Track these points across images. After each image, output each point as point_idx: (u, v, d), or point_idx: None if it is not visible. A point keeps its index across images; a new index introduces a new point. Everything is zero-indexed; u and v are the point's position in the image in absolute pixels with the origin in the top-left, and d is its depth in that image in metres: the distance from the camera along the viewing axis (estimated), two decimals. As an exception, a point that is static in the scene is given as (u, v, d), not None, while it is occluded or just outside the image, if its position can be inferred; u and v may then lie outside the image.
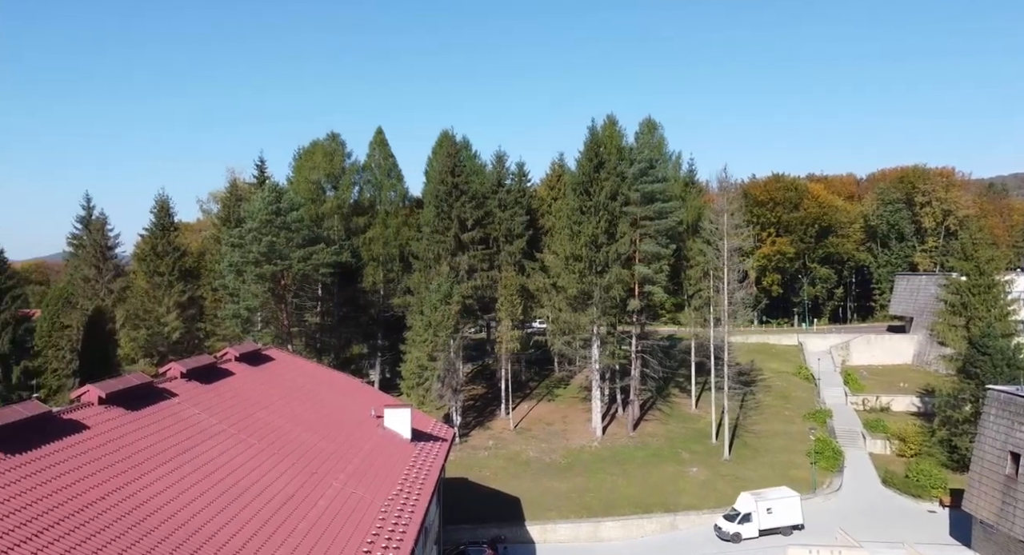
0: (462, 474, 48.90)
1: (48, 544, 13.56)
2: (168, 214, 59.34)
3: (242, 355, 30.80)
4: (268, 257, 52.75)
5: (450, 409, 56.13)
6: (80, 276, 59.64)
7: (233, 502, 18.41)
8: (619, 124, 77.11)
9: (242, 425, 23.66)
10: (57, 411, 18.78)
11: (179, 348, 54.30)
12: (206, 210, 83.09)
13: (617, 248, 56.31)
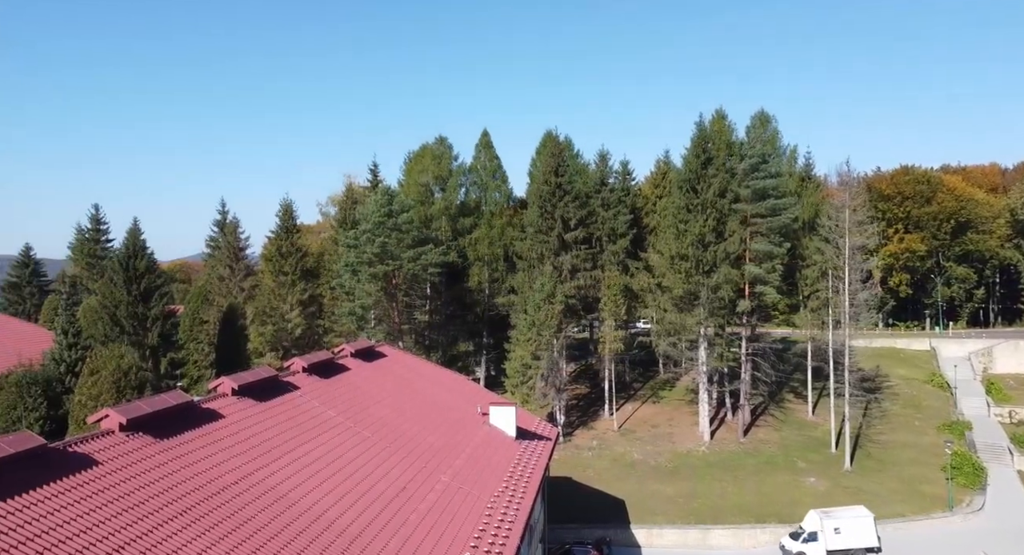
0: (566, 473, 48.99)
1: (193, 521, 14.97)
2: (291, 217, 63.47)
3: (357, 351, 32.46)
4: (381, 257, 55.23)
5: (553, 408, 56.37)
6: (216, 275, 65.08)
7: (351, 491, 19.50)
8: (728, 118, 74.04)
9: (358, 418, 24.98)
10: (197, 400, 20.67)
11: (301, 343, 57.99)
12: (325, 213, 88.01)
13: (726, 247, 54.30)
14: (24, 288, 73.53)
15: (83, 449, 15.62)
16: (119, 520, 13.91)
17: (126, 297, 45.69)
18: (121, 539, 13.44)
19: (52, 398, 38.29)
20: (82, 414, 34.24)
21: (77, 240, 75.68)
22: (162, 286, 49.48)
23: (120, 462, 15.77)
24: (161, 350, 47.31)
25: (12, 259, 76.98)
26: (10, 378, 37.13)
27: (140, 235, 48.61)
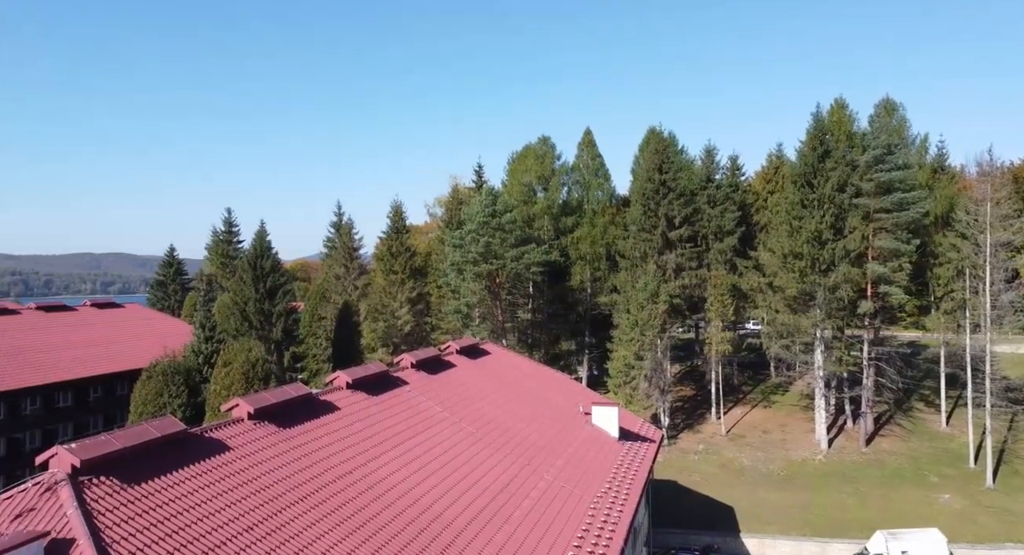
0: (671, 477, 47.88)
1: (312, 507, 16.03)
2: (401, 218, 66.11)
3: (462, 348, 33.34)
4: (485, 257, 56.37)
5: (657, 409, 55.25)
6: (332, 274, 68.95)
7: (456, 485, 20.11)
8: (850, 108, 69.42)
9: (463, 414, 25.68)
10: (315, 393, 22.05)
11: (410, 339, 60.30)
12: (432, 214, 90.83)
13: (845, 244, 50.94)
14: (168, 285, 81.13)
15: (217, 435, 17.12)
16: (248, 502, 15.14)
17: (254, 294, 49.33)
18: (250, 520, 14.62)
19: (192, 386, 42.10)
20: (217, 402, 37.42)
21: (212, 241, 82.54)
22: (285, 284, 52.97)
23: (248, 448, 17.15)
24: (284, 344, 50.70)
25: (159, 259, 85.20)
26: (157, 367, 41.19)
27: (266, 236, 52.31)
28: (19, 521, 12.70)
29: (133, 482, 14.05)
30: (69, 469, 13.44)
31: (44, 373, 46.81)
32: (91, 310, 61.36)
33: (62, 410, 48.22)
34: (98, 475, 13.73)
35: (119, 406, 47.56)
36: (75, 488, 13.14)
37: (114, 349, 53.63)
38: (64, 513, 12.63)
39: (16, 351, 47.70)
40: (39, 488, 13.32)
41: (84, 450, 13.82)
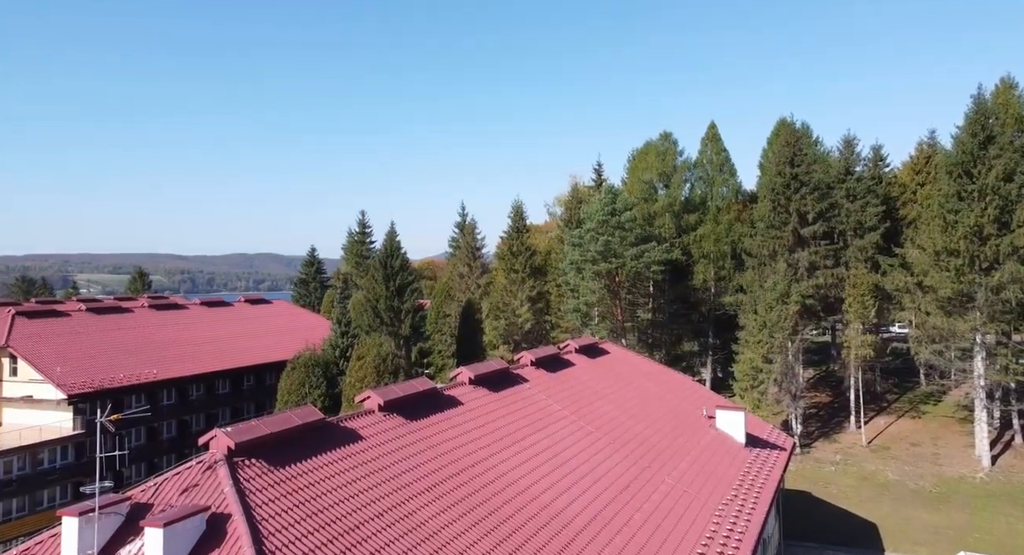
0: (804, 488, 45.06)
1: (438, 497, 16.71)
2: (522, 218, 67.09)
3: (581, 347, 33.32)
4: (604, 255, 55.92)
5: (789, 416, 52.19)
6: (456, 273, 71.33)
7: (576, 484, 20.16)
8: (1020, 87, 61.58)
9: (582, 413, 25.67)
10: (440, 387, 22.94)
11: (530, 337, 61.10)
12: (551, 213, 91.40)
13: (1013, 240, 45.45)
14: (310, 283, 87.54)
15: (351, 425, 18.29)
16: (378, 490, 16.05)
17: (384, 292, 52.08)
18: (380, 507, 15.50)
19: (330, 378, 45.21)
20: (351, 393, 39.93)
21: (348, 242, 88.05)
22: (413, 282, 55.47)
23: (378, 438, 18.17)
24: (412, 340, 53.13)
25: (302, 259, 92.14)
26: (299, 360, 44.59)
27: (396, 237, 55.04)
28: (185, 495, 14.28)
29: (278, 465, 15.34)
30: (226, 450, 14.90)
31: (207, 362, 52.18)
32: (245, 306, 67.56)
33: (221, 396, 53.51)
34: (249, 457, 15.13)
35: (268, 394, 52.07)
36: (231, 468, 14.56)
37: (263, 342, 58.75)
38: (222, 490, 14.03)
39: (185, 342, 53.55)
40: (202, 466, 14.89)
41: (238, 433, 15.28)
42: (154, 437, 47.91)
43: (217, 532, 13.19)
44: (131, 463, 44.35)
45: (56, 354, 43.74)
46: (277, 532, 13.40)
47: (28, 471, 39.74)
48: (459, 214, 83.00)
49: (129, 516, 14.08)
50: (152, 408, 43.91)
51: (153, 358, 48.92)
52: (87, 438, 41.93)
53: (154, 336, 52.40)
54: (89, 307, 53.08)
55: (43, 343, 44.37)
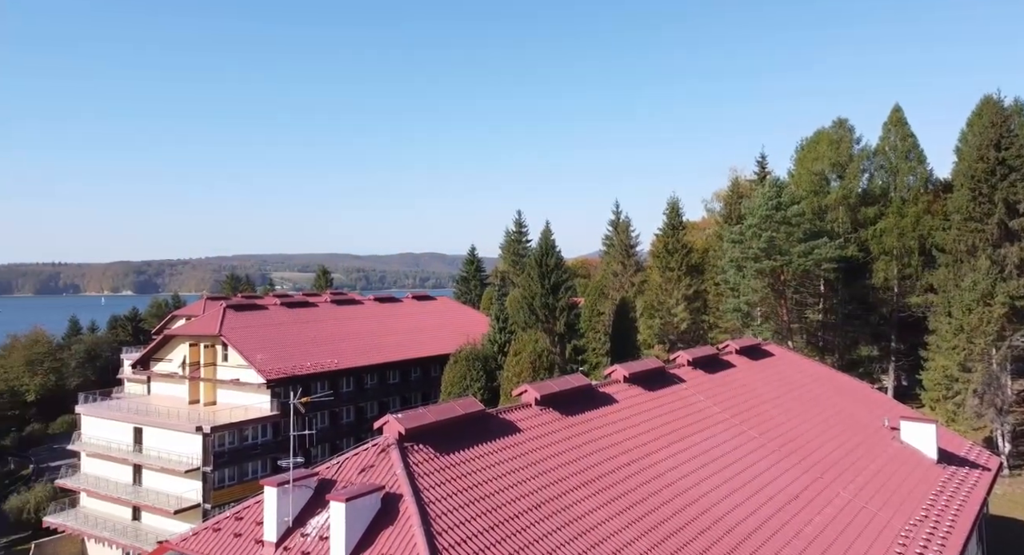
0: (1015, 515, 39.39)
1: (595, 493, 16.86)
2: (678, 215, 65.22)
3: (742, 348, 31.75)
4: (767, 252, 52.73)
5: (993, 432, 45.85)
6: (610, 271, 70.99)
7: (739, 490, 19.32)
8: None
9: (744, 417, 24.50)
10: (595, 384, 23.04)
11: (686, 337, 59.24)
12: (710, 209, 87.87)
13: None
14: (470, 281, 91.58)
15: (509, 417, 18.98)
16: (536, 481, 16.52)
17: (540, 289, 53.17)
18: (538, 498, 15.95)
19: (489, 372, 47.07)
20: (509, 387, 41.29)
21: (506, 241, 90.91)
22: (567, 280, 56.04)
23: (535, 431, 18.68)
24: (566, 337, 53.71)
25: (463, 258, 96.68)
26: (461, 354, 46.89)
27: (551, 236, 55.97)
28: (363, 474, 15.68)
29: (443, 451, 16.34)
30: (397, 435, 16.15)
31: (380, 354, 56.62)
32: (412, 302, 72.32)
33: (392, 385, 57.79)
34: (418, 442, 16.27)
35: (433, 385, 55.35)
36: (401, 452, 15.76)
37: (429, 336, 62.53)
38: (394, 472, 15.23)
39: (361, 335, 58.49)
40: (376, 449, 16.26)
41: (408, 420, 16.49)
42: (335, 421, 52.84)
43: (391, 510, 14.35)
44: (317, 443, 49.30)
45: (257, 343, 49.73)
46: (444, 515, 14.30)
47: (236, 445, 45.65)
48: (613, 212, 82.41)
49: (317, 490, 15.73)
50: (334, 394, 48.50)
51: (335, 349, 53.96)
52: (282, 419, 47.26)
53: (336, 329, 57.76)
54: (283, 301, 59.77)
55: (247, 333, 50.64)
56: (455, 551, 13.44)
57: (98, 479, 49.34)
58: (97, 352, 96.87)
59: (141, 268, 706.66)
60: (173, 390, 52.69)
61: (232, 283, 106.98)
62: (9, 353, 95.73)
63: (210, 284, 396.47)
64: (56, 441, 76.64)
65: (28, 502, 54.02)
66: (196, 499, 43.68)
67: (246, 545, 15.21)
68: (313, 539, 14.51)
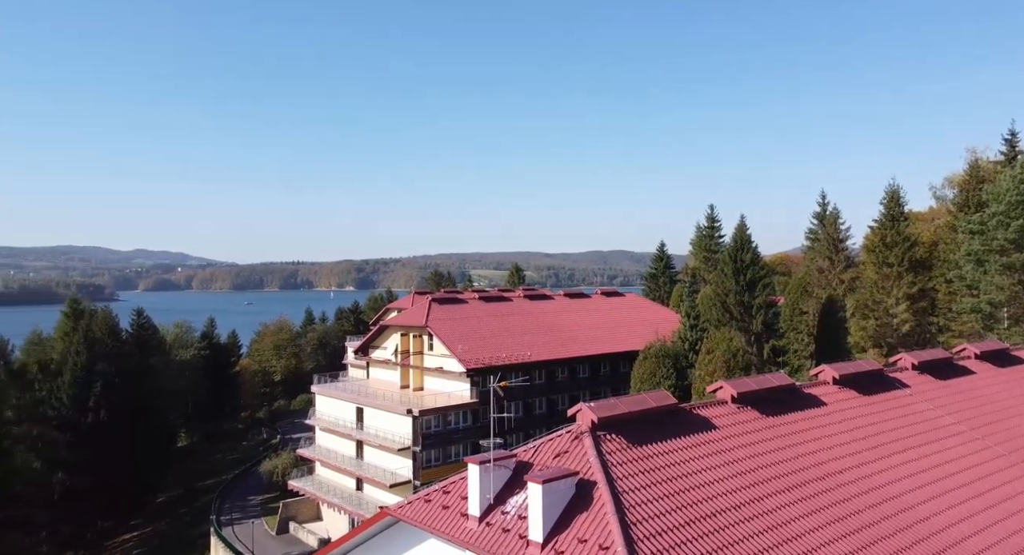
0: None
1: (801, 499, 15.79)
2: (898, 204, 58.19)
3: (984, 353, 27.58)
4: (1018, 244, 45.04)
5: None
6: (815, 267, 65.26)
7: (981, 513, 16.90)
8: None
9: (986, 430, 21.31)
10: (799, 385, 21.48)
11: (908, 341, 52.59)
12: (939, 197, 77.14)
13: None
14: (659, 278, 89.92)
15: (704, 413, 18.42)
16: (734, 481, 15.88)
17: (734, 286, 50.66)
18: (737, 499, 15.33)
19: (679, 370, 45.94)
20: (701, 386, 39.96)
21: (696, 237, 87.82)
22: (764, 277, 52.73)
23: (732, 430, 17.93)
24: (764, 337, 50.58)
25: (651, 255, 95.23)
26: (650, 350, 46.30)
27: (746, 230, 53.07)
28: (558, 459, 16.25)
29: (635, 442, 16.35)
30: (590, 424, 16.48)
31: (571, 348, 57.85)
32: (601, 298, 72.80)
33: (582, 380, 58.75)
34: (609, 432, 16.46)
35: (621, 381, 55.31)
36: (594, 440, 16.08)
37: (618, 332, 62.54)
38: (588, 459, 15.58)
39: (552, 329, 60.22)
40: (570, 435, 16.75)
41: (600, 409, 16.75)
42: (529, 412, 54.99)
43: (584, 497, 14.70)
44: (512, 432, 51.71)
45: (458, 334, 53.40)
46: (638, 505, 14.34)
47: (441, 428, 49.51)
48: (819, 203, 75.60)
49: (515, 471, 16.61)
50: (527, 386, 50.49)
51: (528, 341, 56.15)
52: (480, 406, 50.29)
53: (528, 322, 60.05)
54: (481, 296, 63.49)
55: (450, 325, 54.57)
56: (651, 543, 13.42)
57: (329, 451, 56.43)
58: (327, 340, 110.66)
59: (361, 266, 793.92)
60: (387, 375, 58.48)
61: (436, 279, 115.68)
62: (261, 339, 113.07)
63: (417, 280, 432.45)
64: (297, 416, 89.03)
65: (276, 467, 63.40)
66: (407, 476, 48.10)
67: (452, 517, 16.52)
68: (512, 517, 15.35)
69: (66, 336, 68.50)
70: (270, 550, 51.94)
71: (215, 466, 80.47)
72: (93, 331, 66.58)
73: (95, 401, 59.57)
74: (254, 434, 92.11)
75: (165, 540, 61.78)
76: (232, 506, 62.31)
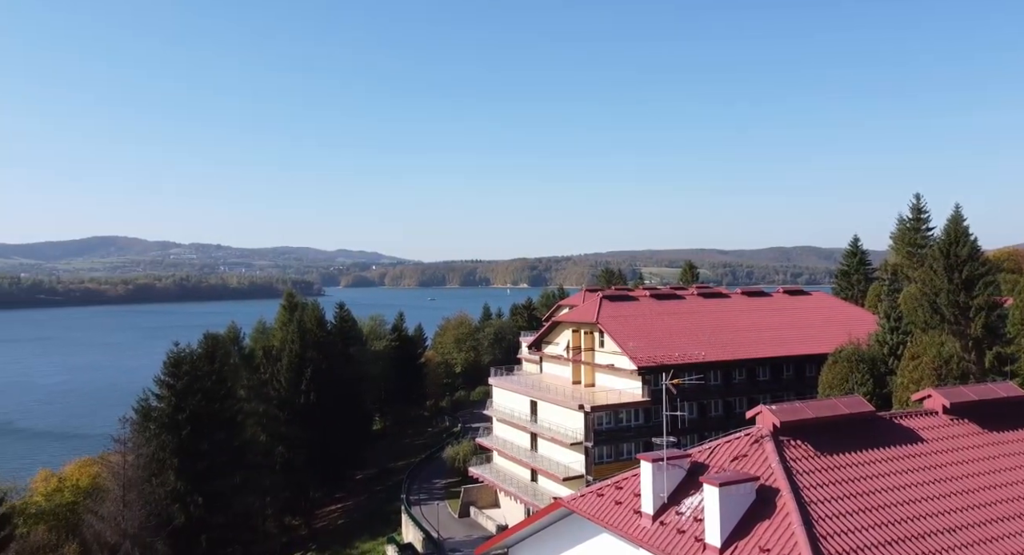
0: None
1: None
2: None
3: None
4: None
5: None
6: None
7: None
8: None
9: None
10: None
11: None
12: None
13: None
14: (852, 275, 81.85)
15: (907, 423, 16.60)
16: (948, 501, 14.13)
17: (946, 285, 44.71)
18: (952, 521, 13.61)
19: (876, 376, 41.58)
20: (903, 395, 35.85)
21: (898, 230, 78.65)
22: (986, 274, 45.92)
23: (944, 444, 15.96)
24: (985, 342, 44.07)
25: (842, 251, 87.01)
26: (842, 353, 42.43)
27: (962, 222, 46.68)
28: (736, 463, 15.59)
29: (824, 450, 15.18)
30: (771, 428, 15.60)
31: (749, 349, 54.80)
32: (783, 297, 68.02)
33: (762, 383, 55.38)
34: (794, 437, 15.45)
35: (807, 386, 51.24)
36: (777, 445, 15.20)
37: (803, 333, 58.03)
38: (769, 465, 14.77)
39: (729, 328, 57.48)
40: (749, 439, 15.99)
41: (783, 413, 15.79)
42: (704, 413, 52.99)
43: (766, 504, 13.98)
44: (686, 434, 50.18)
45: (629, 331, 52.90)
46: (827, 518, 13.35)
47: (612, 425, 49.44)
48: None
49: (690, 471, 16.21)
50: (702, 386, 48.66)
51: (701, 341, 54.09)
52: (653, 405, 49.45)
53: (702, 321, 57.84)
54: (652, 294, 62.30)
55: (621, 322, 54.25)
56: (841, 559, 12.46)
57: (505, 441, 58.79)
58: (503, 334, 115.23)
59: (534, 264, 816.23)
60: (559, 370, 59.56)
61: (606, 277, 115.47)
62: (443, 332, 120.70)
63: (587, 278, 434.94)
64: (475, 407, 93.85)
65: (458, 454, 67.35)
66: (580, 470, 48.67)
67: (625, 513, 16.53)
68: (688, 518, 15.02)
69: (284, 326, 78.22)
70: (453, 531, 55.32)
71: (404, 449, 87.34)
72: (305, 322, 75.35)
73: (306, 384, 67.45)
74: (438, 422, 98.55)
75: (364, 513, 68.34)
76: (419, 487, 67.28)
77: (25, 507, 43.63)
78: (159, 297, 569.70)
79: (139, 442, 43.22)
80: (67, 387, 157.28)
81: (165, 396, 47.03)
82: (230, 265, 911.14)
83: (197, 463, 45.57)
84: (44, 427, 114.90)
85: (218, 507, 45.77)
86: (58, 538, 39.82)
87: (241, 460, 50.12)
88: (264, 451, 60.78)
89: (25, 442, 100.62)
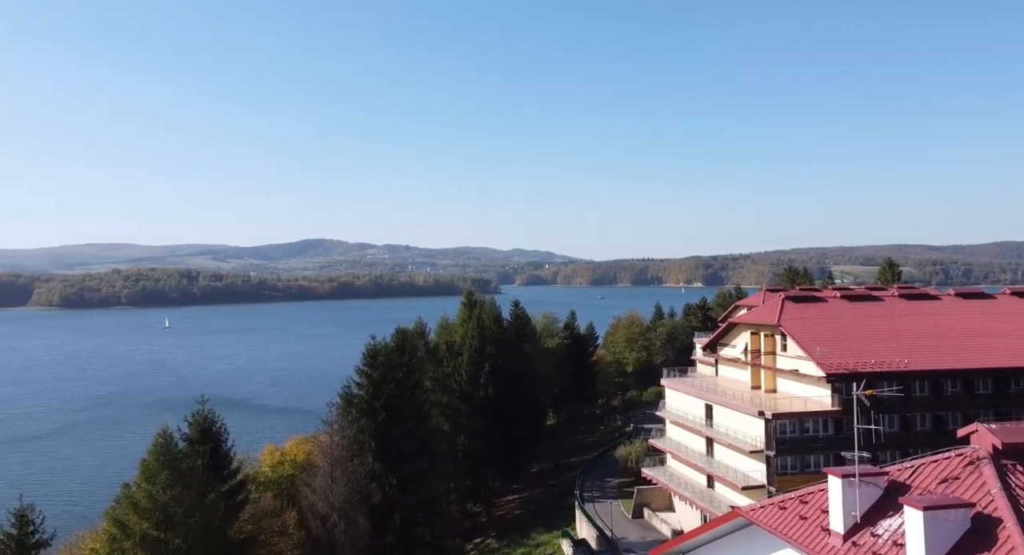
0: None
1: None
2: None
3: None
4: None
5: None
6: None
7: None
8: None
9: None
10: None
11: None
12: None
13: None
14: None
15: None
16: None
17: None
18: None
19: None
20: None
21: None
22: None
23: None
24: None
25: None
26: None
27: None
28: (945, 485, 14.04)
29: (1060, 480, 13.18)
30: (991, 449, 13.83)
31: (964, 358, 48.27)
32: (1011, 299, 58.90)
33: (982, 396, 48.51)
34: (1020, 462, 13.59)
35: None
36: (998, 468, 13.45)
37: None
38: (988, 490, 13.13)
39: (939, 334, 51.07)
40: (962, 460, 14.30)
41: (1006, 433, 13.92)
42: (907, 427, 47.65)
43: (984, 536, 12.47)
44: (885, 449, 45.44)
45: (816, 335, 49.05)
46: (1061, 556, 11.63)
47: (797, 435, 46.23)
48: None
49: (886, 491, 14.88)
50: (904, 397, 43.82)
51: (904, 347, 48.63)
52: (844, 415, 45.42)
53: (905, 326, 51.98)
54: (843, 295, 57.12)
55: (806, 325, 50.49)
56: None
57: (679, 444, 57.39)
58: (675, 335, 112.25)
59: (709, 262, 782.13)
60: (736, 374, 56.81)
61: (790, 276, 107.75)
62: (614, 331, 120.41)
63: (768, 277, 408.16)
64: (647, 407, 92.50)
65: (630, 454, 66.96)
66: (761, 479, 46.15)
67: (811, 530, 15.59)
68: (886, 542, 13.84)
69: (464, 323, 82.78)
70: (627, 531, 55.12)
71: (576, 446, 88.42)
72: (483, 319, 79.18)
73: (485, 378, 70.88)
74: (609, 420, 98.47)
75: (539, 505, 70.38)
76: (592, 485, 67.84)
77: (256, 476, 50.60)
78: (358, 293, 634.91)
79: (343, 425, 48.30)
80: (288, 372, 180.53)
81: (364, 384, 52.07)
82: (417, 264, 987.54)
83: (391, 447, 49.94)
84: (271, 405, 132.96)
85: (409, 489, 49.75)
86: (281, 505, 45.75)
87: (427, 447, 53.99)
88: (447, 440, 64.86)
89: (257, 418, 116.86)
